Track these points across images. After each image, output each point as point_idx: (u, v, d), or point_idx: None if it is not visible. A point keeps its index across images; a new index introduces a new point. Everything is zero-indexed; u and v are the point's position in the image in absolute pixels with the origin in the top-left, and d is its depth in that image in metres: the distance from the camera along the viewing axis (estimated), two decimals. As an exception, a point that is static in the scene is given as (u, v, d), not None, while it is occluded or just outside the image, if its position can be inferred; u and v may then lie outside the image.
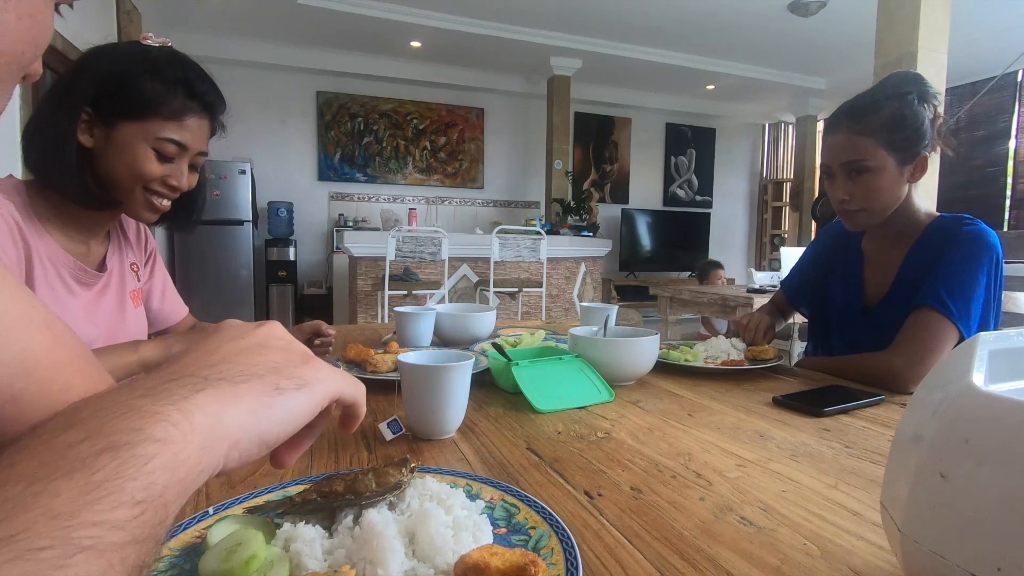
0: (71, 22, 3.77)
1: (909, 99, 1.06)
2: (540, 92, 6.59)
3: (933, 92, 1.09)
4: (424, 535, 0.41)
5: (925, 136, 1.06)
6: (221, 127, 1.00)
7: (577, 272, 5.22)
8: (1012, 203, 5.87)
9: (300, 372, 0.33)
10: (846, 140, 1.08)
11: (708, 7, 4.89)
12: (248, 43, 5.63)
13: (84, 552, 0.20)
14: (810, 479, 0.60)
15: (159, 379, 0.28)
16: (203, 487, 0.56)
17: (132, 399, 0.25)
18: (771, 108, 7.76)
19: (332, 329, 1.20)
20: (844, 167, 1.09)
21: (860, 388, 0.97)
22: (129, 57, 0.89)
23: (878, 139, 1.05)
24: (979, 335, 0.37)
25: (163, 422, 0.24)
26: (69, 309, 0.92)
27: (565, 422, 0.78)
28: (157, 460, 0.23)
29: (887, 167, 1.06)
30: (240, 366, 0.31)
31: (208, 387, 0.28)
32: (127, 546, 0.21)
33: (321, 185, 6.35)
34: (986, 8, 4.62)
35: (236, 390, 0.29)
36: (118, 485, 0.22)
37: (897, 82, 1.10)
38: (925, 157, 1.07)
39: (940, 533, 0.32)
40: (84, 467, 0.21)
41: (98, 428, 0.23)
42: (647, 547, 0.46)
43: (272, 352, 0.33)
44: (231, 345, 0.33)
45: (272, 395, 0.30)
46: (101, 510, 0.21)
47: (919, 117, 1.06)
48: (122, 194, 0.92)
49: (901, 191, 1.09)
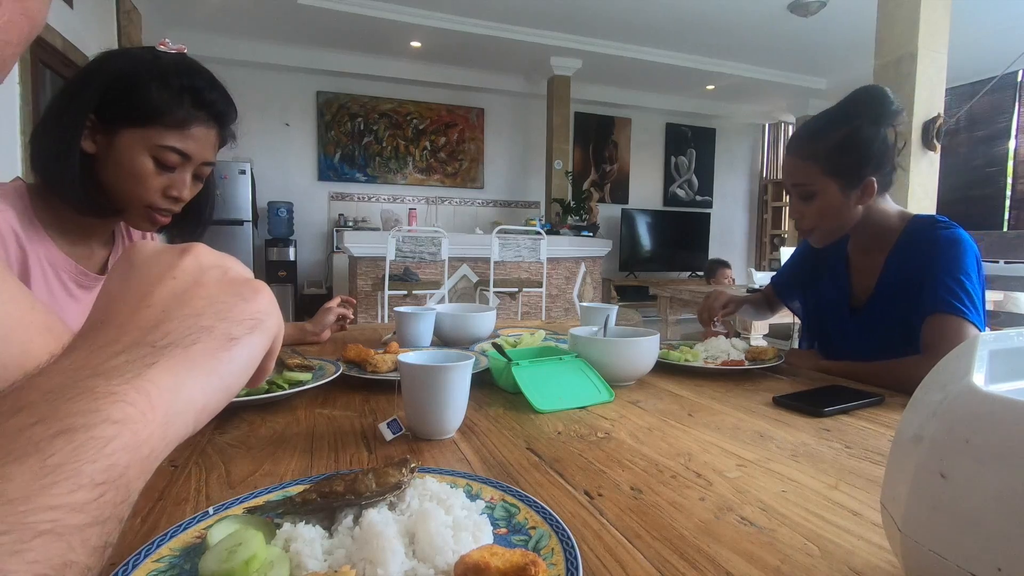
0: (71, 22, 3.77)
1: (857, 124, 1.09)
2: (540, 92, 6.60)
3: (894, 110, 1.10)
4: (424, 535, 0.41)
5: (872, 161, 1.09)
6: (232, 137, 0.98)
7: (577, 272, 5.22)
8: (1012, 203, 5.87)
9: (248, 309, 0.30)
10: (792, 164, 1.14)
11: (708, 7, 4.89)
12: (248, 43, 5.64)
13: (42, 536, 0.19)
14: (810, 479, 0.60)
15: (103, 353, 0.25)
16: (203, 487, 0.56)
17: (81, 380, 0.24)
18: (771, 108, 7.76)
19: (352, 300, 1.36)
20: (793, 189, 1.15)
21: (860, 388, 0.97)
22: (138, 63, 0.87)
23: (822, 165, 1.10)
24: (979, 335, 0.37)
25: (119, 402, 0.23)
26: (68, 313, 0.92)
27: (565, 422, 0.78)
28: (117, 441, 0.22)
29: (830, 192, 1.10)
30: (185, 321, 0.28)
31: (159, 358, 0.26)
32: (88, 528, 0.21)
33: (321, 185, 6.35)
34: (986, 8, 4.62)
35: (188, 354, 0.27)
36: (76, 468, 0.21)
37: (854, 103, 1.12)
38: (872, 181, 1.09)
39: (940, 533, 0.32)
40: (37, 451, 0.21)
41: (51, 411, 0.22)
42: (647, 547, 0.46)
43: (212, 288, 0.30)
44: (164, 289, 0.29)
45: (228, 348, 0.28)
46: (58, 493, 0.20)
47: (867, 142, 1.08)
48: (122, 203, 0.90)
49: (849, 213, 1.12)
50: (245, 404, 0.81)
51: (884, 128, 1.09)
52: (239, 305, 0.30)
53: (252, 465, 0.62)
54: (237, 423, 0.76)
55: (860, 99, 1.11)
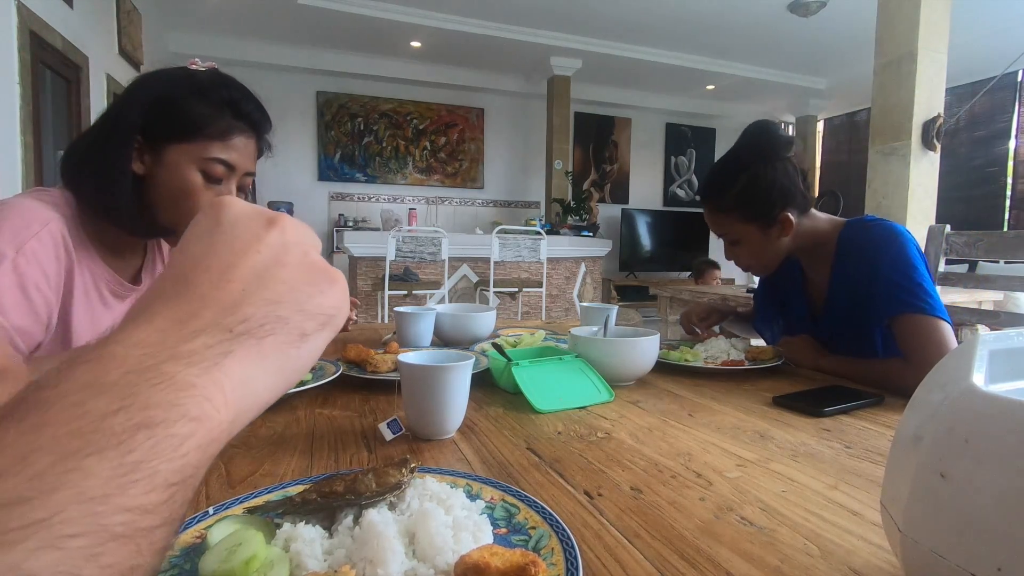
0: (71, 22, 3.77)
1: (753, 170, 1.12)
2: (540, 92, 6.60)
3: (784, 142, 1.14)
4: (424, 535, 0.41)
5: (779, 199, 1.12)
6: (268, 147, 0.99)
7: (577, 272, 5.22)
8: (1012, 203, 5.87)
9: (323, 303, 0.29)
10: (710, 216, 1.20)
11: (708, 7, 4.89)
12: (248, 43, 5.64)
13: (116, 540, 0.19)
14: (810, 479, 0.60)
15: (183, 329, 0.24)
16: (203, 487, 0.56)
17: (161, 362, 0.23)
18: (771, 108, 7.76)
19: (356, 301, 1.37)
20: (719, 236, 1.21)
21: (860, 388, 0.97)
22: (176, 81, 0.89)
23: (734, 215, 1.16)
24: (979, 335, 0.37)
25: (198, 396, 0.22)
26: (102, 322, 0.93)
27: (565, 422, 0.78)
28: (192, 441, 0.22)
29: (751, 235, 1.16)
30: (264, 308, 0.27)
31: (235, 347, 0.25)
32: (156, 530, 0.20)
33: (321, 185, 6.35)
34: (986, 8, 4.62)
35: (262, 347, 0.26)
36: (153, 467, 0.20)
37: (744, 148, 1.16)
38: (786, 215, 1.13)
39: (940, 533, 0.32)
40: (119, 445, 0.20)
41: (131, 398, 0.21)
42: (647, 547, 0.46)
43: (292, 271, 0.28)
44: (247, 264, 0.27)
45: (297, 345, 0.28)
46: (135, 494, 0.19)
47: (767, 183, 1.12)
48: (173, 221, 0.91)
49: (777, 248, 1.17)
50: (245, 404, 0.81)
51: (780, 164, 1.13)
52: (315, 298, 0.29)
53: (252, 465, 0.62)
54: (237, 423, 0.76)
55: (749, 141, 1.16)
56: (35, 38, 3.02)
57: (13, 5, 2.82)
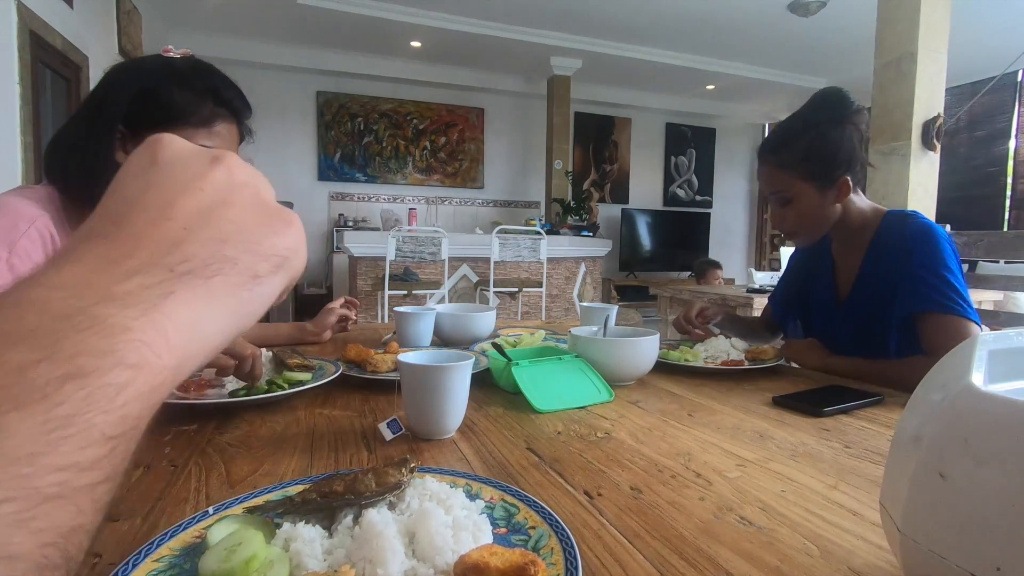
0: (71, 22, 3.77)
1: (822, 128, 1.12)
2: (540, 92, 6.60)
3: (855, 109, 1.13)
4: (424, 535, 0.41)
5: (843, 161, 1.12)
6: (249, 132, 1.00)
7: (577, 272, 5.22)
8: (1012, 203, 5.87)
9: (278, 244, 0.27)
10: (768, 173, 1.18)
11: (708, 7, 4.89)
12: (248, 43, 5.63)
13: (49, 501, 0.17)
14: (810, 479, 0.60)
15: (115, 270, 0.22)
16: (203, 487, 0.56)
17: (90, 304, 0.20)
18: (771, 108, 7.76)
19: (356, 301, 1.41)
20: (772, 196, 1.18)
21: (860, 388, 0.97)
22: (156, 70, 0.89)
23: (795, 172, 1.13)
24: (979, 335, 0.37)
25: (136, 341, 0.20)
26: None
27: (565, 422, 0.78)
28: (131, 390, 0.20)
29: (808, 195, 1.14)
30: (209, 246, 0.24)
31: (177, 287, 0.23)
32: (98, 487, 0.19)
33: (321, 185, 6.35)
34: (986, 8, 4.62)
35: (209, 287, 0.24)
36: (88, 421, 0.18)
37: (814, 108, 1.15)
38: (846, 179, 1.13)
39: (940, 533, 0.32)
40: (44, 399, 0.18)
41: (57, 345, 0.19)
42: (647, 547, 0.46)
43: (241, 210, 0.26)
44: (190, 202, 0.25)
45: (249, 287, 0.25)
46: (68, 451, 0.18)
47: (834, 144, 1.11)
48: None
49: (829, 213, 1.16)
50: (245, 404, 0.81)
51: (847, 128, 1.12)
52: (268, 238, 0.27)
53: (252, 465, 0.62)
54: (237, 423, 0.76)
55: (821, 102, 1.15)
56: (35, 38, 3.02)
57: (13, 5, 2.82)
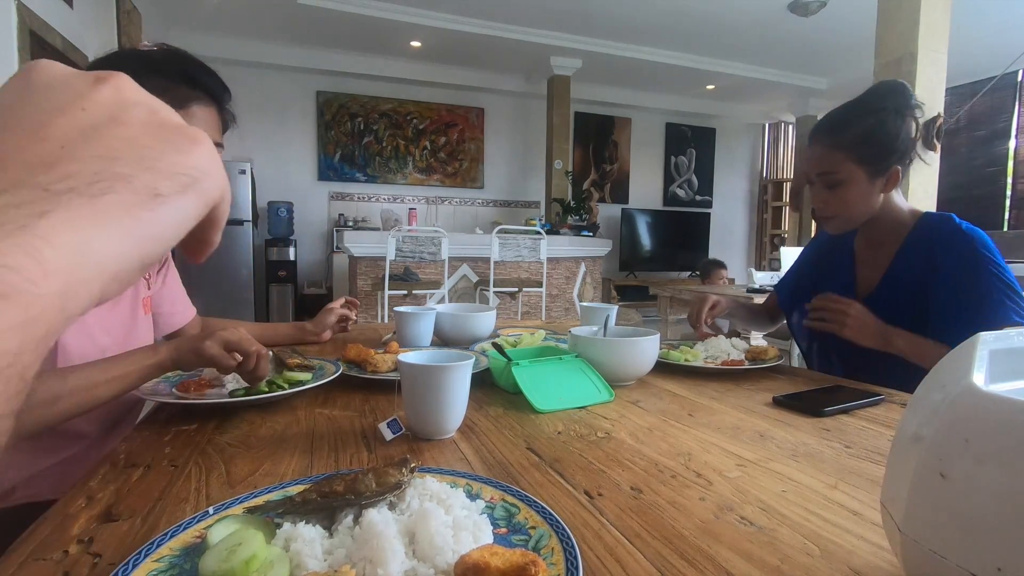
0: (71, 22, 3.76)
1: (883, 115, 1.11)
2: (540, 92, 6.59)
3: (916, 103, 1.12)
4: (424, 535, 0.41)
5: (898, 150, 1.11)
6: (232, 118, 0.99)
7: (577, 272, 5.22)
8: (1012, 203, 5.87)
9: (182, 161, 0.24)
10: (820, 152, 1.15)
11: (708, 7, 4.89)
12: (248, 43, 5.63)
13: None
14: (810, 479, 0.60)
15: None
16: (203, 487, 0.56)
17: None
18: (771, 108, 7.76)
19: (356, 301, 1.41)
20: (819, 177, 1.16)
21: (860, 388, 0.97)
22: (129, 61, 0.89)
23: (850, 153, 1.11)
24: (979, 335, 0.37)
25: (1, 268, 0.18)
26: (84, 319, 0.92)
27: (565, 422, 0.78)
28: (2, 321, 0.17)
29: (858, 180, 1.12)
30: (93, 163, 0.21)
31: (54, 206, 0.20)
32: None
33: (321, 185, 6.35)
34: (986, 8, 4.62)
35: (97, 206, 0.21)
36: None
37: (877, 95, 1.14)
38: (898, 170, 1.12)
39: (940, 533, 0.32)
40: None
41: None
42: (647, 547, 0.46)
43: (136, 129, 0.23)
44: (67, 121, 0.22)
45: (150, 207, 0.22)
46: None
47: (893, 132, 1.10)
48: None
49: (874, 201, 1.14)
50: (245, 404, 0.81)
51: (908, 119, 1.12)
52: (169, 155, 0.24)
53: (252, 465, 0.62)
54: (237, 423, 0.76)
55: (884, 91, 1.14)
56: (35, 38, 3.02)
57: (13, 5, 2.82)
